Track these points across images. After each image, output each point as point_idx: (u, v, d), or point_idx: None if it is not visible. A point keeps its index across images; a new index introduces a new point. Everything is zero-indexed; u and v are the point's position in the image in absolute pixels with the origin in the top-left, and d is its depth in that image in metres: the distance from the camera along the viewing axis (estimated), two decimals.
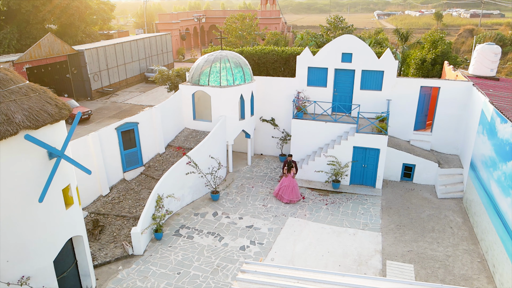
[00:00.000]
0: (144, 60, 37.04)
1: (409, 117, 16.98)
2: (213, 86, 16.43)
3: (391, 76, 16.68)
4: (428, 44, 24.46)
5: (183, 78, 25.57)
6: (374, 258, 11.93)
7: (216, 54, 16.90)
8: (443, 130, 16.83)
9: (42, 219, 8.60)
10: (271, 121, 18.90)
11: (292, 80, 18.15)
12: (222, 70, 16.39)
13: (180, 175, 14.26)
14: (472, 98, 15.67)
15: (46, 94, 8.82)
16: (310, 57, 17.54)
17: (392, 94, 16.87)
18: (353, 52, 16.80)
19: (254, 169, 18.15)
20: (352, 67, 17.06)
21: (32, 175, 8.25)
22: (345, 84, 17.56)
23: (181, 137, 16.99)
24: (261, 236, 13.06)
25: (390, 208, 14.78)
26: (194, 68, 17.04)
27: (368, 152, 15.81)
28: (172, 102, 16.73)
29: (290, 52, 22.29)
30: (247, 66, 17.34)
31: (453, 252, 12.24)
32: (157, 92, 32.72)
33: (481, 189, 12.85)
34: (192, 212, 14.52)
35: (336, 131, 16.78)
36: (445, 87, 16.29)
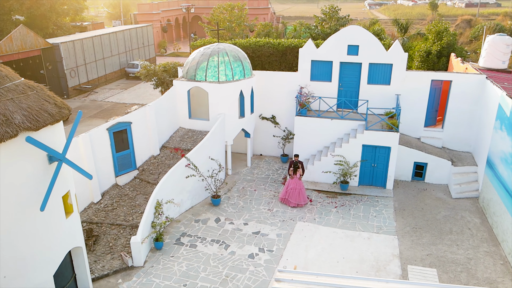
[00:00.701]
0: (124, 54, 36.61)
1: (420, 112, 17.27)
2: (211, 81, 16.36)
3: (400, 70, 16.92)
4: (433, 35, 24.92)
5: (171, 73, 25.39)
6: (393, 263, 12.10)
7: (213, 47, 16.83)
8: (455, 126, 17.18)
9: (42, 229, 8.42)
10: (272, 119, 18.94)
11: (294, 74, 18.23)
12: (221, 65, 16.34)
13: (179, 178, 14.16)
14: (485, 92, 16.04)
15: (44, 92, 8.64)
16: (313, 50, 17.65)
17: (401, 88, 17.12)
18: (360, 44, 16.99)
19: (254, 171, 18.16)
20: (359, 60, 17.25)
21: (32, 182, 8.07)
22: (351, 78, 17.74)
23: (176, 137, 16.87)
24: (270, 243, 13.09)
25: (404, 209, 15.00)
26: (189, 63, 16.93)
27: (378, 151, 16.01)
28: (166, 99, 16.59)
29: (287, 45, 22.38)
30: (247, 60, 17.34)
31: (474, 254, 12.51)
32: (140, 89, 32.38)
33: (501, 188, 13.16)
34: (193, 219, 14.44)
35: (342, 129, 16.93)
36: (457, 81, 16.63)
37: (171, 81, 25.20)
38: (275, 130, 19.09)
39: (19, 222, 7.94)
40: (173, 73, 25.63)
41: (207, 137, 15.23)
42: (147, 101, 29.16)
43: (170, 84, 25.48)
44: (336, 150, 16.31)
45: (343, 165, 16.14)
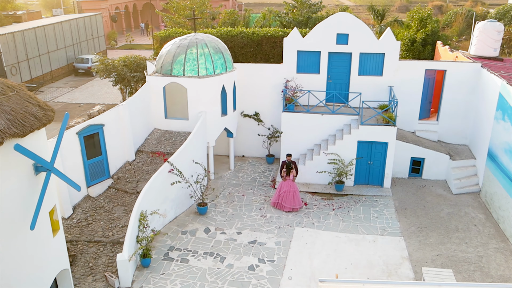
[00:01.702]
0: (72, 47, 35.43)
1: (414, 105, 17.92)
2: (190, 76, 16.21)
3: (393, 59, 17.48)
4: (416, 22, 25.89)
5: (132, 68, 24.92)
6: (403, 266, 12.51)
7: (191, 38, 16.67)
8: (451, 118, 17.96)
9: (29, 250, 8.07)
10: (255, 116, 19.00)
11: (278, 66, 18.39)
12: (200, 57, 16.22)
13: (162, 186, 13.94)
14: (482, 81, 16.88)
15: (24, 92, 8.29)
16: (299, 40, 17.88)
17: (394, 79, 17.69)
18: (350, 32, 17.39)
19: (239, 174, 18.16)
20: (349, 50, 17.66)
21: (17, 196, 7.73)
22: (340, 69, 18.13)
23: (152, 140, 16.57)
24: (270, 252, 13.16)
25: (405, 208, 15.53)
26: (163, 56, 16.68)
27: (374, 147, 16.47)
28: (139, 98, 16.25)
29: (263, 34, 22.57)
30: (228, 52, 17.31)
31: (484, 252, 13.16)
32: (94, 87, 31.48)
33: (506, 180, 13.91)
34: (179, 230, 14.26)
35: (334, 125, 17.27)
36: (452, 70, 17.39)
37: (132, 77, 24.76)
38: (259, 128, 19.16)
39: (5, 242, 7.57)
40: (134, 68, 25.17)
41: (190, 138, 15.07)
42: (103, 100, 28.42)
43: (131, 80, 25.02)
44: (330, 148, 16.61)
45: (338, 164, 16.47)
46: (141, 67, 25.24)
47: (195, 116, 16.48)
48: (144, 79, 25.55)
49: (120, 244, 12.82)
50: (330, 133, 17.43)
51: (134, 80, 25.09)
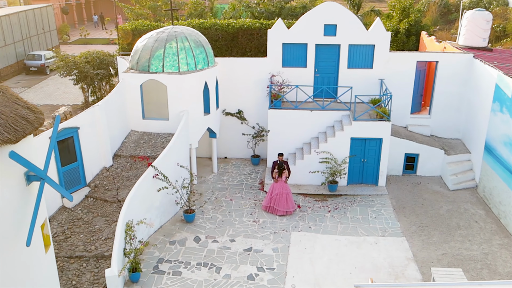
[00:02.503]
0: (21, 43, 34.26)
1: (406, 98, 18.39)
2: (170, 72, 16.04)
3: (383, 51, 17.89)
4: (397, 12, 26.56)
5: (94, 65, 24.41)
6: (409, 268, 12.84)
7: (169, 31, 16.49)
8: (443, 112, 18.55)
9: (22, 269, 7.78)
10: (238, 115, 19.00)
11: (263, 60, 18.47)
12: (180, 52, 16.07)
13: (147, 193, 13.74)
14: (475, 72, 17.51)
15: (10, 92, 8.00)
16: (284, 31, 18.00)
17: (385, 72, 18.10)
18: (338, 23, 17.66)
19: (223, 177, 18.12)
20: (337, 42, 17.94)
21: (9, 209, 7.45)
22: (328, 62, 18.39)
23: (130, 143, 16.28)
24: (268, 260, 13.21)
25: (404, 207, 15.93)
26: (140, 50, 16.42)
27: (368, 144, 16.80)
28: (115, 97, 15.93)
29: (239, 26, 22.64)
30: (209, 46, 17.24)
31: (489, 249, 13.69)
32: (49, 87, 30.57)
33: (507, 174, 14.51)
34: (166, 241, 14.10)
35: (324, 121, 17.51)
36: (444, 61, 17.97)
37: (96, 75, 24.25)
38: (243, 127, 19.17)
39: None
40: (97, 65, 24.67)
41: (174, 139, 14.92)
42: (62, 101, 27.65)
43: (95, 78, 24.50)
44: (321, 146, 16.83)
45: (331, 163, 16.69)
46: (105, 64, 24.78)
47: (176, 116, 16.31)
48: (109, 77, 25.12)
49: (105, 258, 12.55)
50: (320, 131, 17.66)
51: (98, 78, 24.60)
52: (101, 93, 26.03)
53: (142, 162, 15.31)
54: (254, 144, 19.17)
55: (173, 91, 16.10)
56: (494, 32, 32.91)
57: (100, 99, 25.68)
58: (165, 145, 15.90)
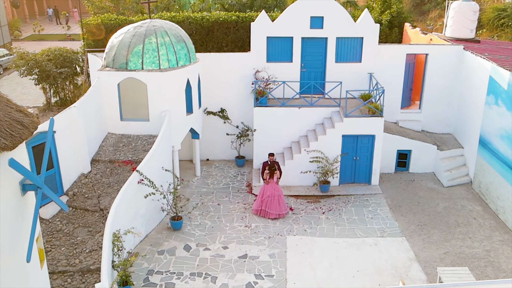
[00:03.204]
0: None
1: (396, 93, 18.77)
2: (150, 70, 15.87)
3: (372, 44, 18.21)
4: (378, 3, 27.07)
5: (57, 63, 23.89)
6: (413, 268, 13.15)
7: (147, 25, 16.31)
8: (434, 106, 19.05)
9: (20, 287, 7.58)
10: (220, 113, 18.97)
11: (246, 55, 18.50)
12: (161, 47, 15.92)
13: (133, 200, 13.56)
14: (465, 64, 18.06)
15: (1, 95, 7.77)
16: (269, 24, 18.08)
17: (374, 66, 18.44)
18: (325, 15, 17.86)
19: (208, 181, 18.07)
20: (324, 35, 18.15)
21: (5, 222, 7.23)
22: (315, 57, 18.59)
23: (108, 147, 16.01)
24: (266, 267, 13.26)
25: (400, 206, 16.28)
26: (116, 47, 16.16)
27: (360, 141, 17.08)
28: (91, 98, 15.63)
29: (214, 20, 22.66)
30: (190, 40, 17.15)
31: (491, 245, 14.16)
32: (4, 88, 29.60)
33: (505, 168, 15.03)
34: (154, 250, 13.96)
35: (313, 118, 17.70)
36: (434, 54, 18.46)
37: (59, 74, 23.74)
38: (226, 127, 19.16)
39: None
40: (61, 63, 24.15)
41: (158, 141, 14.77)
42: (21, 103, 26.66)
43: (58, 78, 23.97)
44: (311, 144, 16.99)
45: (322, 162, 16.88)
46: (69, 61, 24.31)
47: (157, 116, 16.15)
48: (73, 76, 24.64)
49: (92, 272, 12.31)
50: (309, 128, 17.84)
51: (62, 77, 24.08)
52: (64, 93, 25.51)
53: (123, 167, 15.08)
54: (239, 145, 19.16)
55: (154, 89, 15.93)
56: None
57: (64, 100, 25.16)
58: (147, 148, 15.74)
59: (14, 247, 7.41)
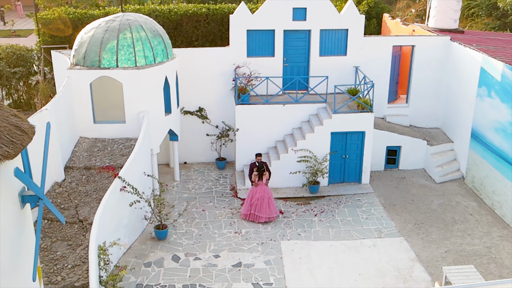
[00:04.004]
0: None
1: (382, 87, 19.17)
2: (126, 67, 15.64)
3: (357, 36, 18.54)
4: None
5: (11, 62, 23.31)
6: (416, 269, 13.49)
7: (120, 19, 16.06)
8: (421, 100, 19.58)
9: None
10: (198, 113, 18.89)
11: (225, 50, 18.49)
12: (137, 43, 15.72)
13: (115, 209, 13.35)
14: (453, 56, 18.64)
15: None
16: (248, 16, 18.12)
17: (359, 59, 18.77)
18: (308, 6, 18.05)
19: (188, 186, 17.98)
20: (308, 27, 18.35)
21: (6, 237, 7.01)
22: (298, 50, 18.78)
23: (82, 152, 15.68)
24: (263, 275, 13.31)
25: (394, 205, 16.65)
26: (86, 43, 15.84)
27: (349, 138, 17.37)
28: (62, 100, 15.25)
29: (183, 13, 22.65)
30: (166, 35, 17.00)
31: (491, 242, 14.69)
32: None
33: (500, 162, 15.61)
34: (140, 263, 13.78)
35: (299, 116, 17.89)
36: (421, 45, 18.97)
37: (13, 74, 23.15)
38: (205, 127, 19.09)
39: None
40: (14, 62, 23.55)
41: (139, 145, 14.60)
42: None
43: (12, 78, 23.36)
44: (299, 143, 17.15)
45: (311, 161, 17.06)
46: (23, 60, 23.75)
47: (134, 118, 15.94)
48: (28, 75, 24.04)
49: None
50: (295, 126, 18.01)
51: (16, 77, 23.48)
52: (18, 95, 24.87)
53: (100, 174, 14.81)
54: (219, 146, 19.12)
55: (130, 88, 15.70)
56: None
57: (17, 102, 24.49)
58: (124, 152, 15.52)
59: (16, 265, 7.18)
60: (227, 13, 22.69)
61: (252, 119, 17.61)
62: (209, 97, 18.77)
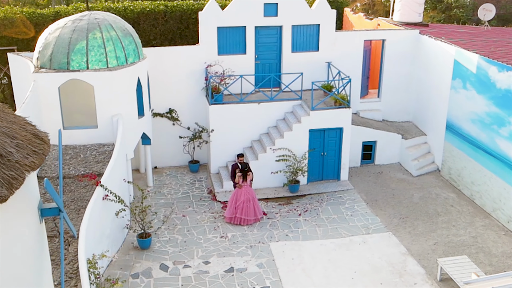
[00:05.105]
0: None
1: (355, 82, 19.54)
2: (97, 69, 15.27)
3: (329, 31, 18.90)
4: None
5: None
6: (409, 263, 13.94)
7: (88, 18, 15.65)
8: (393, 94, 20.20)
9: None
10: (169, 115, 18.70)
11: (195, 49, 18.40)
12: (107, 43, 15.37)
13: (98, 219, 13.03)
14: (423, 49, 19.34)
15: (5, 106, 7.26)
16: (218, 13, 18.10)
17: (332, 54, 19.14)
18: (279, 1, 18.22)
19: (163, 191, 17.77)
20: (279, 23, 18.53)
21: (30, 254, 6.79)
22: (269, 47, 18.94)
23: (53, 160, 15.16)
24: (257, 278, 13.36)
25: (376, 200, 17.11)
26: (52, 44, 15.33)
27: (327, 135, 17.69)
28: (28, 104, 14.71)
29: (139, 11, 22.47)
30: (136, 34, 16.71)
31: (475, 231, 15.38)
32: None
33: (479, 152, 16.35)
34: (127, 274, 13.51)
35: (274, 114, 18.07)
36: (391, 39, 19.57)
37: None
38: (176, 129, 18.91)
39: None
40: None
41: (117, 150, 14.32)
42: None
43: None
44: (277, 142, 17.31)
45: (290, 160, 17.25)
46: None
47: (107, 122, 15.58)
48: None
49: None
50: (270, 125, 18.17)
51: None
52: None
53: (77, 183, 14.40)
54: (192, 148, 18.99)
55: (102, 91, 15.33)
56: (383, 7, 35.94)
57: None
58: (99, 158, 15.17)
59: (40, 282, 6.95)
60: (186, 10, 22.65)
61: (226, 119, 17.62)
62: (179, 97, 18.60)
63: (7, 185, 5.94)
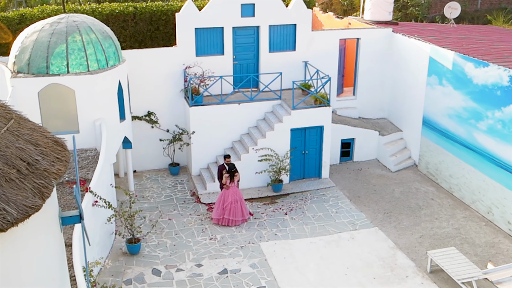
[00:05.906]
0: None
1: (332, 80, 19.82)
2: (78, 73, 14.96)
3: (305, 30, 19.11)
4: None
5: None
6: (398, 256, 14.27)
7: (66, 20, 15.32)
8: (368, 91, 20.59)
9: None
10: (147, 117, 18.51)
11: (172, 50, 18.28)
12: (88, 46, 15.09)
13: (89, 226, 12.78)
14: (396, 47, 19.79)
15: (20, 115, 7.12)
16: (196, 14, 18.03)
17: (308, 53, 19.36)
18: (256, 2, 18.30)
19: (146, 195, 17.60)
20: (256, 23, 18.61)
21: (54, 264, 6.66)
22: (247, 47, 19.00)
23: None
24: (252, 279, 13.41)
25: (358, 196, 17.43)
26: (29, 48, 14.94)
27: (308, 134, 17.89)
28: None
29: (109, 12, 22.15)
30: (115, 36, 16.47)
31: (458, 223, 15.88)
32: None
33: (456, 146, 16.86)
34: (119, 281, 13.31)
35: (255, 114, 18.16)
36: (365, 38, 19.95)
37: None
38: (154, 132, 18.73)
39: None
40: None
41: (103, 155, 14.09)
42: None
43: None
44: (260, 142, 17.39)
45: (273, 160, 17.37)
46: None
47: (88, 127, 15.28)
48: None
49: None
50: (251, 125, 18.25)
51: None
52: None
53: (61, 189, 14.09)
54: (172, 151, 18.84)
55: (84, 95, 15.04)
56: (341, 6, 36.56)
57: None
58: (82, 164, 14.89)
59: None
60: (155, 12, 22.39)
61: (207, 120, 17.60)
62: (158, 100, 18.45)
63: (39, 194, 5.83)
